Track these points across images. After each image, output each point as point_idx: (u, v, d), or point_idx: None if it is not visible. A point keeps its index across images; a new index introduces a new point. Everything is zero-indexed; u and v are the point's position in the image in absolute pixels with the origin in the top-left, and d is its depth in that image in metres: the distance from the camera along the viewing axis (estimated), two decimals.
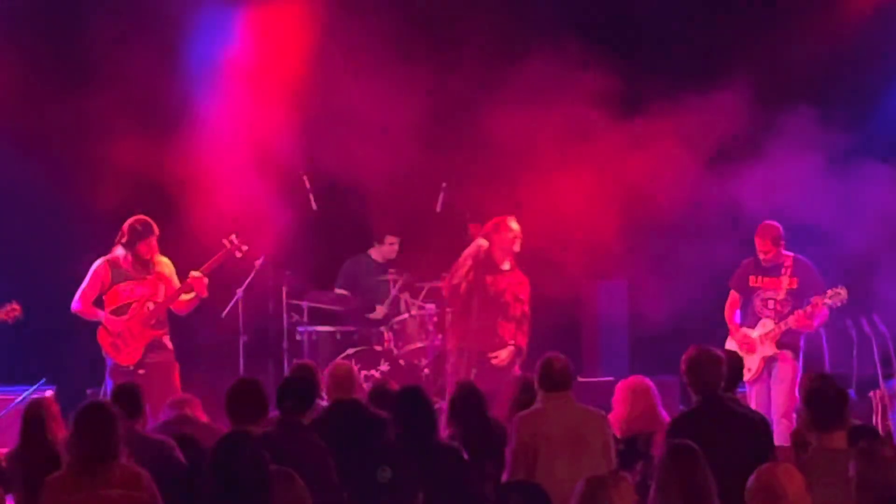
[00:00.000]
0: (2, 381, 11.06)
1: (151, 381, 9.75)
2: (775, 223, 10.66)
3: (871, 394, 10.66)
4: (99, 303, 10.41)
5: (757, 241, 10.65)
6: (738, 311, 10.76)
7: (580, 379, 11.48)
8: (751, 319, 10.68)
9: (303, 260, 11.94)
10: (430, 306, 11.57)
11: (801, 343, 10.64)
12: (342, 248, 12.10)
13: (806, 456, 6.26)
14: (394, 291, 11.71)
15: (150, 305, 10.35)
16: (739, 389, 10.33)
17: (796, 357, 10.57)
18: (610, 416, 7.93)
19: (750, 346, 10.46)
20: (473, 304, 10.52)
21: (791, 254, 10.63)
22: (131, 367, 10.20)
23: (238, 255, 10.74)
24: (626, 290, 12.44)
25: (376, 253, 12.05)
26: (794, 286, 10.55)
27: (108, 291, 10.37)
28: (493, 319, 10.73)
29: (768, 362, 10.49)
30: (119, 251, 10.36)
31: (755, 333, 10.57)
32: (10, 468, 7.31)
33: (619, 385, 8.48)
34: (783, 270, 10.58)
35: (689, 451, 5.80)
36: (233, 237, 10.68)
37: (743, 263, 10.82)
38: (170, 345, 10.46)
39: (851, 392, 10.78)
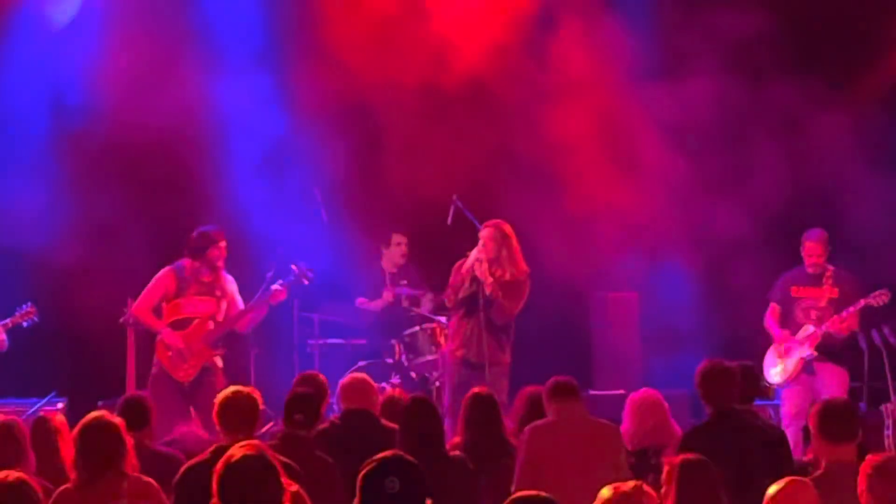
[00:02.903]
0: (13, 393, 11.04)
1: (198, 399, 9.71)
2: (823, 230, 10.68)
3: (882, 407, 10.63)
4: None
5: (810, 245, 10.60)
6: (777, 324, 10.74)
7: (591, 392, 11.50)
8: (792, 329, 10.67)
9: (314, 272, 11.92)
10: (441, 319, 11.56)
11: (846, 353, 10.62)
12: (353, 261, 12.09)
13: (819, 473, 6.23)
14: (404, 303, 11.73)
15: (212, 324, 10.12)
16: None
17: (842, 365, 10.55)
18: (621, 429, 7.93)
19: (789, 347, 10.49)
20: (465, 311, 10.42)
21: (832, 266, 10.64)
22: (186, 385, 9.94)
23: (305, 282, 10.49)
24: (636, 303, 12.43)
25: (386, 262, 12.06)
26: (836, 295, 10.55)
27: (170, 302, 10.13)
28: (481, 326, 10.34)
29: (806, 364, 10.49)
30: (187, 262, 10.11)
31: (798, 336, 10.60)
32: None
33: (630, 398, 8.46)
34: (825, 280, 10.58)
35: (701, 465, 5.78)
36: (301, 263, 10.45)
37: (783, 276, 10.80)
38: (220, 363, 10.20)
39: (862, 405, 10.81)
